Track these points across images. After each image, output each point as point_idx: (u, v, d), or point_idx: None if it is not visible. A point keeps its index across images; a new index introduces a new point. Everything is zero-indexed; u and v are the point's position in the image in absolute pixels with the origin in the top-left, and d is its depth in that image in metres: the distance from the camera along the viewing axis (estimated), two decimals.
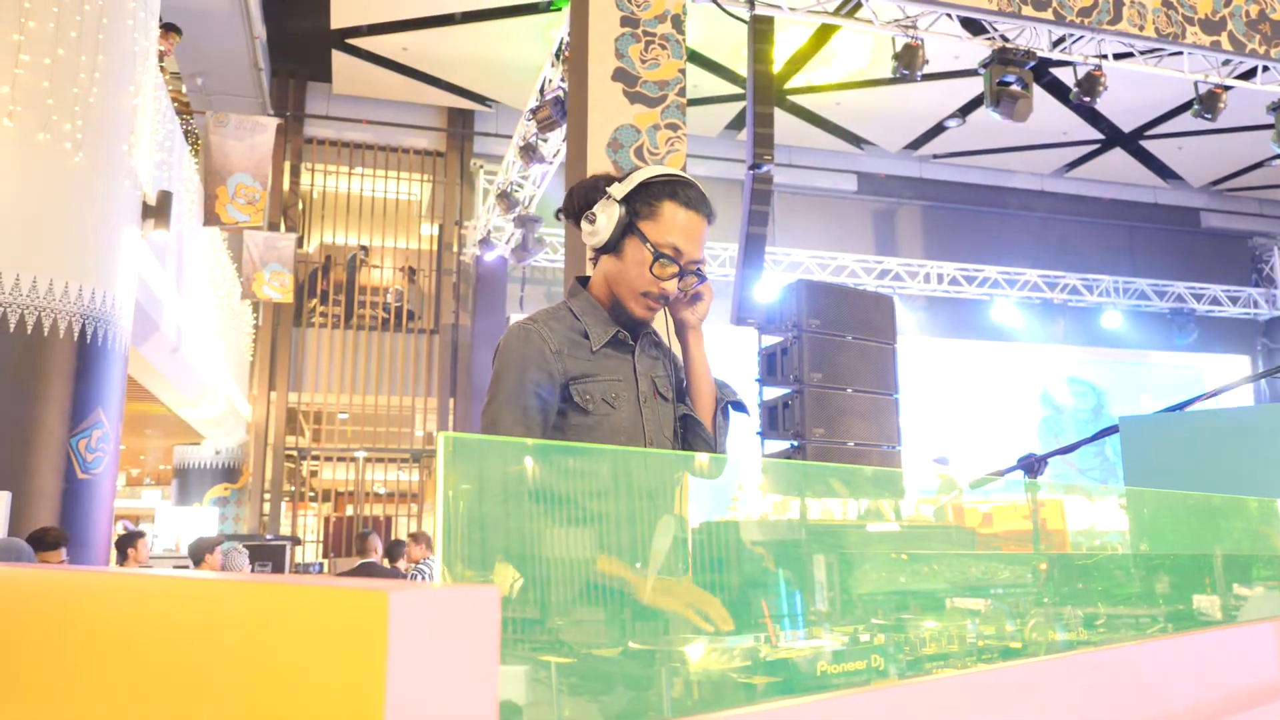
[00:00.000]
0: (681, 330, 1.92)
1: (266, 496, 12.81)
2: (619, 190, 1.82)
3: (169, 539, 11.22)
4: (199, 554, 6.94)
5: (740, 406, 1.99)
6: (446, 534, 0.80)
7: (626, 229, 1.81)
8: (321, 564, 13.26)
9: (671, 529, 1.15)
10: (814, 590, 1.18)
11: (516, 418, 1.72)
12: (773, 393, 5.57)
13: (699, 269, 1.84)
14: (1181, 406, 2.56)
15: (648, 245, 1.79)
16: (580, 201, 1.88)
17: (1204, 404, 2.58)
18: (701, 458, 1.68)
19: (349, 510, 14.04)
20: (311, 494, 14.34)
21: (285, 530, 12.80)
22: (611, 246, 1.83)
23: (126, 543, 6.87)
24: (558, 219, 1.98)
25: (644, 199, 1.81)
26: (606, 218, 1.81)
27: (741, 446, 2.09)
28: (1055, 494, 1.89)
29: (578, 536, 1.05)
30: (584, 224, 1.85)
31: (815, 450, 5.24)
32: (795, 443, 5.36)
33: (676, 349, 1.97)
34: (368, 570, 7.52)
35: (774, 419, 5.48)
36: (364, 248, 13.86)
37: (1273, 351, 16.10)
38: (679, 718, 0.94)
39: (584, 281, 1.93)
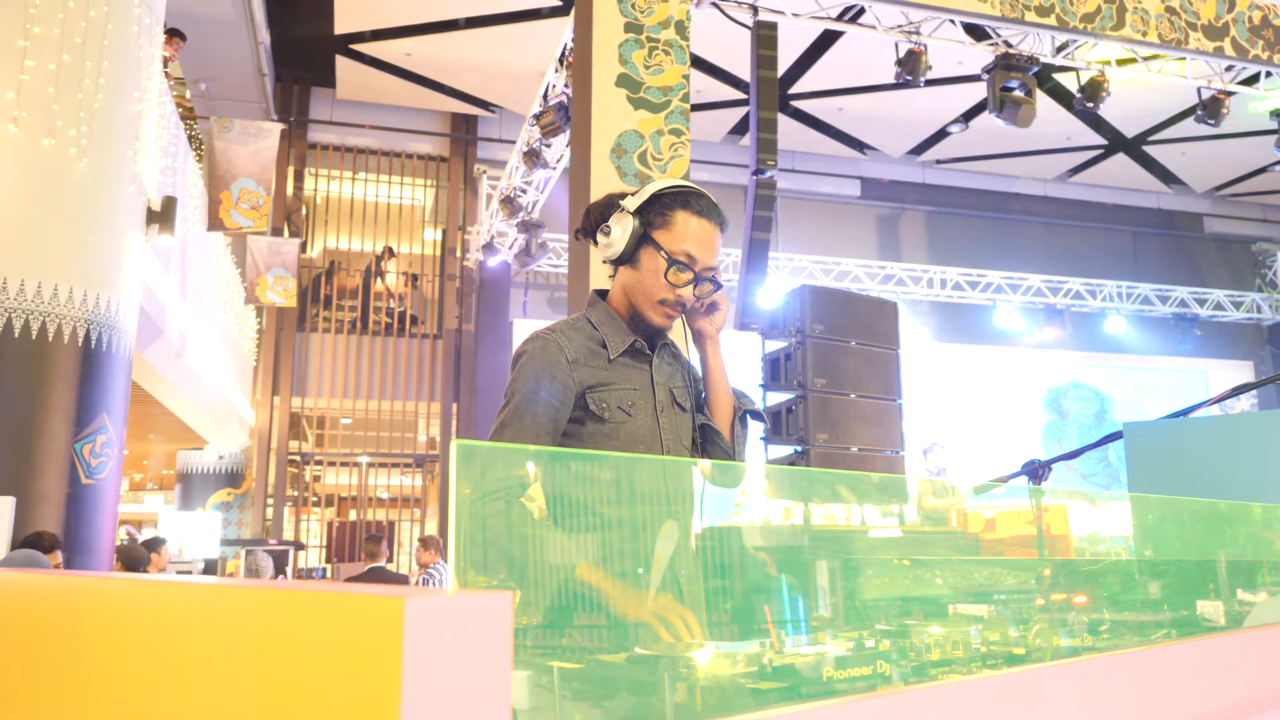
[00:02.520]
0: (699, 340, 1.94)
1: (269, 501, 12.81)
2: (632, 202, 1.86)
3: (172, 545, 11.21)
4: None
5: (758, 416, 2.01)
6: (458, 541, 0.81)
7: (641, 239, 1.85)
8: (325, 569, 13.25)
9: (674, 535, 1.15)
10: (818, 596, 1.19)
11: (526, 425, 1.74)
12: (776, 398, 5.58)
13: (714, 276, 1.88)
14: (1186, 412, 2.56)
15: (662, 253, 1.82)
16: (596, 219, 1.92)
17: (1208, 409, 2.58)
18: (705, 464, 1.69)
19: (352, 515, 14.04)
20: (314, 499, 14.34)
21: (288, 535, 12.80)
22: (627, 257, 1.86)
23: (149, 548, 6.86)
24: (576, 239, 2.00)
25: (657, 209, 1.85)
26: (621, 229, 1.85)
27: (747, 452, 2.10)
28: (1059, 500, 1.89)
29: (586, 542, 1.06)
30: (600, 237, 1.89)
31: (819, 456, 5.25)
32: (799, 448, 5.37)
33: (693, 358, 2.00)
34: (376, 575, 7.52)
35: (777, 424, 5.49)
36: (390, 249, 13.82)
37: (1277, 356, 16.07)
38: None
39: (602, 295, 1.95)
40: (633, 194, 1.88)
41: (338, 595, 0.50)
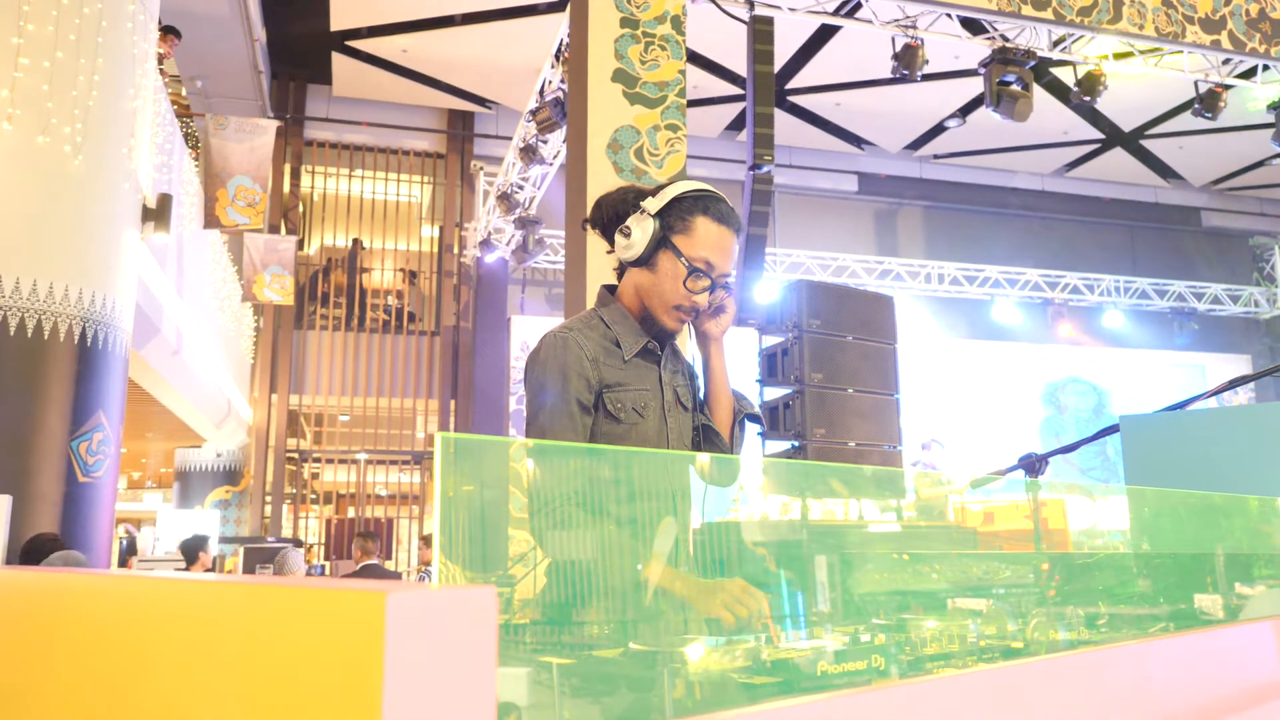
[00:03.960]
0: (704, 341, 1.94)
1: (268, 499, 12.81)
2: (653, 205, 1.85)
3: (170, 542, 11.22)
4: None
5: (757, 419, 2.02)
6: (445, 535, 0.80)
7: (660, 243, 1.84)
8: (323, 566, 13.27)
9: (673, 531, 1.15)
10: (815, 590, 1.18)
11: (566, 424, 1.74)
12: (774, 393, 5.57)
13: (727, 282, 1.87)
14: (1182, 405, 2.56)
15: (681, 259, 1.82)
16: (609, 213, 1.91)
17: (1204, 403, 2.58)
18: (703, 458, 1.68)
19: (350, 512, 14.05)
20: (313, 496, 14.34)
21: (287, 533, 12.80)
22: (644, 260, 1.85)
23: (198, 546, 7.10)
24: (583, 229, 1.99)
25: (677, 214, 1.84)
26: (641, 231, 1.84)
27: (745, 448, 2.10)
28: (1056, 493, 1.89)
29: (577, 537, 1.05)
30: (618, 237, 1.88)
31: (816, 451, 5.24)
32: (796, 443, 5.36)
33: (691, 355, 2.00)
34: (370, 572, 7.54)
35: (775, 419, 5.48)
36: (356, 240, 13.85)
37: (1274, 350, 16.08)
38: (680, 718, 0.94)
39: (611, 290, 1.94)
40: (652, 194, 1.87)
41: (322, 591, 0.49)
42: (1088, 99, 8.71)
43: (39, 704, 0.83)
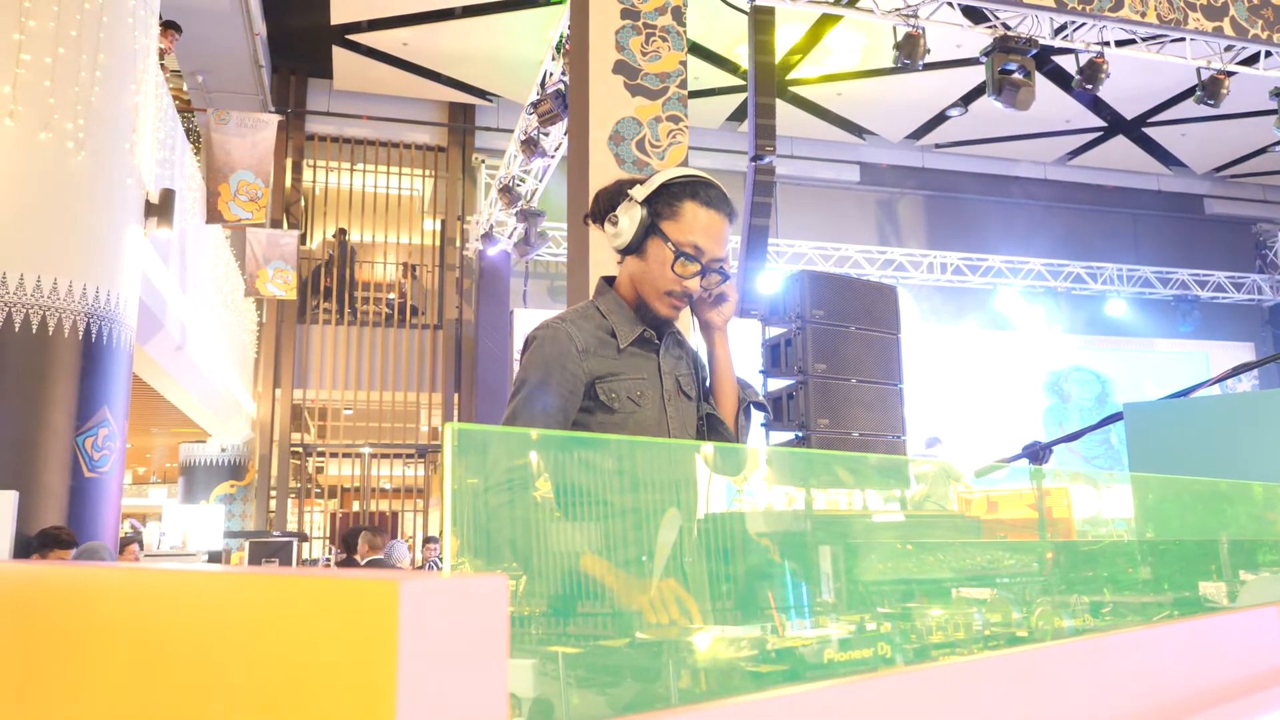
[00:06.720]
0: (707, 330, 1.94)
1: (273, 493, 12.84)
2: (640, 192, 1.85)
3: (176, 536, 11.24)
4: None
5: (762, 407, 2.01)
6: (454, 526, 0.81)
7: (649, 229, 1.84)
8: (329, 559, 13.30)
9: (677, 522, 1.15)
10: (820, 580, 1.19)
11: (537, 414, 1.74)
12: (777, 384, 5.57)
13: (721, 267, 1.86)
14: (1186, 393, 2.56)
15: (669, 244, 1.82)
16: (605, 205, 1.91)
17: (1208, 390, 2.58)
18: (707, 448, 1.69)
19: (355, 506, 14.08)
20: (318, 490, 14.38)
21: (291, 526, 12.83)
22: (635, 247, 1.85)
23: (356, 536, 7.30)
24: (585, 224, 1.99)
25: (665, 199, 1.84)
26: (629, 219, 1.84)
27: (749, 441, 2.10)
28: (1060, 481, 1.89)
29: (585, 528, 1.06)
30: (607, 226, 1.88)
31: (820, 441, 5.25)
32: (800, 433, 5.37)
33: (696, 343, 1.99)
34: (377, 567, 7.58)
35: (778, 410, 5.49)
36: (342, 230, 13.79)
37: (1278, 337, 16.06)
38: (686, 706, 0.95)
39: (610, 281, 1.94)
40: (642, 183, 1.87)
41: (334, 580, 0.50)
42: (1089, 87, 8.68)
43: (52, 698, 0.83)
